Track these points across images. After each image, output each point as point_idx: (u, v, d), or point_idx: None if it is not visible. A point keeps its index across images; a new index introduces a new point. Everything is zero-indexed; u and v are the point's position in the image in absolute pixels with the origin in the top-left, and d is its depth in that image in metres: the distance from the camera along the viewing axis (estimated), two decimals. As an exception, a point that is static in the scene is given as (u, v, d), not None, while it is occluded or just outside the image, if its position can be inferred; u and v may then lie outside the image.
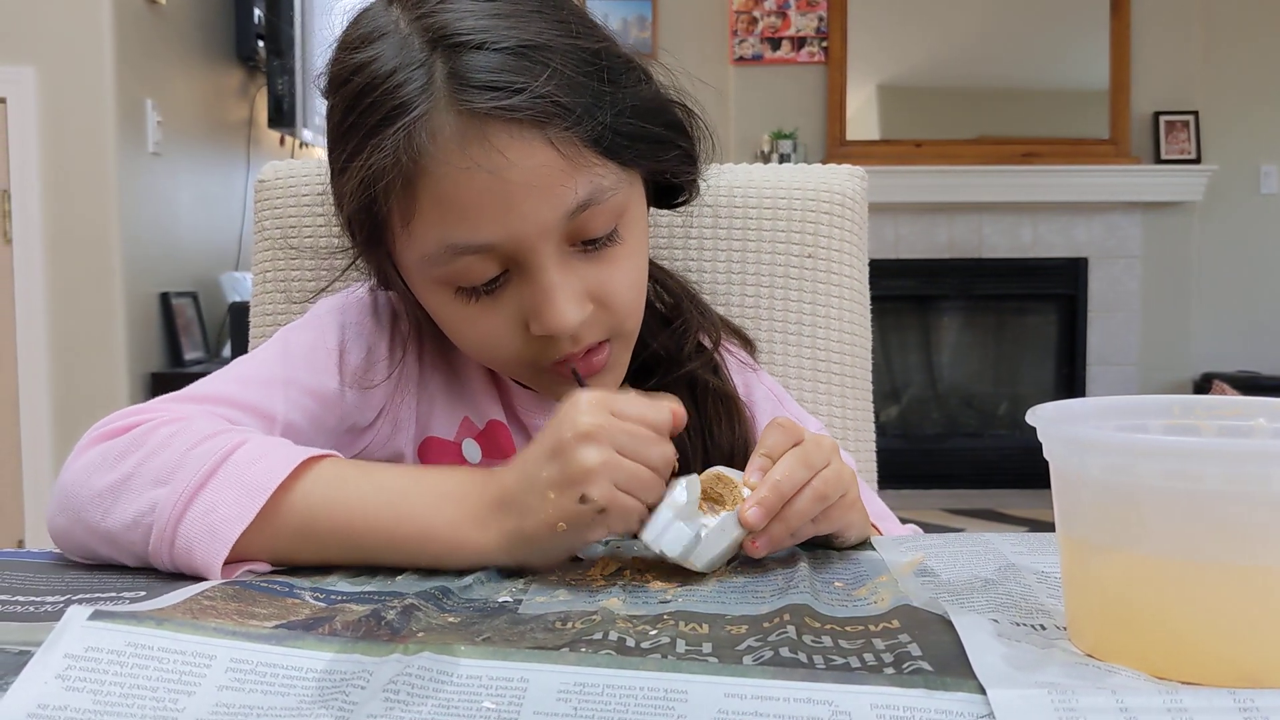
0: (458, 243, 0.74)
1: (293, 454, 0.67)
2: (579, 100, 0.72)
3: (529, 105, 0.71)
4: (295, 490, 0.66)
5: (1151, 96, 4.73)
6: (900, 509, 0.92)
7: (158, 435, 0.68)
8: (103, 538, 0.67)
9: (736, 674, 0.47)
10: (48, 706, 0.43)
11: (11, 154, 3.27)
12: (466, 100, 0.71)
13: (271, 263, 1.09)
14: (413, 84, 0.72)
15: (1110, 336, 4.85)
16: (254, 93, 4.41)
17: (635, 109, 0.76)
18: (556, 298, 0.75)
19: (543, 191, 0.72)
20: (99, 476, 0.68)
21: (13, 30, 3.25)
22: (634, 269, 0.81)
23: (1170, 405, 0.56)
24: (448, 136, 0.71)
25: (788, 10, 4.73)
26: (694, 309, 0.95)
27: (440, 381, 0.90)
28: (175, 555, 0.64)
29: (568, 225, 0.74)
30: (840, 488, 0.69)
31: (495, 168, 0.71)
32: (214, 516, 0.64)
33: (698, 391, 0.91)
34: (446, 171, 0.72)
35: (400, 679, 0.46)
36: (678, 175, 0.85)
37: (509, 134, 0.71)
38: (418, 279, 0.79)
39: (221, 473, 0.65)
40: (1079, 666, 0.48)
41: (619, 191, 0.77)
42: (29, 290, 3.30)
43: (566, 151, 0.72)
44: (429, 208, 0.73)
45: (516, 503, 0.65)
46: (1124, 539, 0.48)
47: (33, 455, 3.32)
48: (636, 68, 0.80)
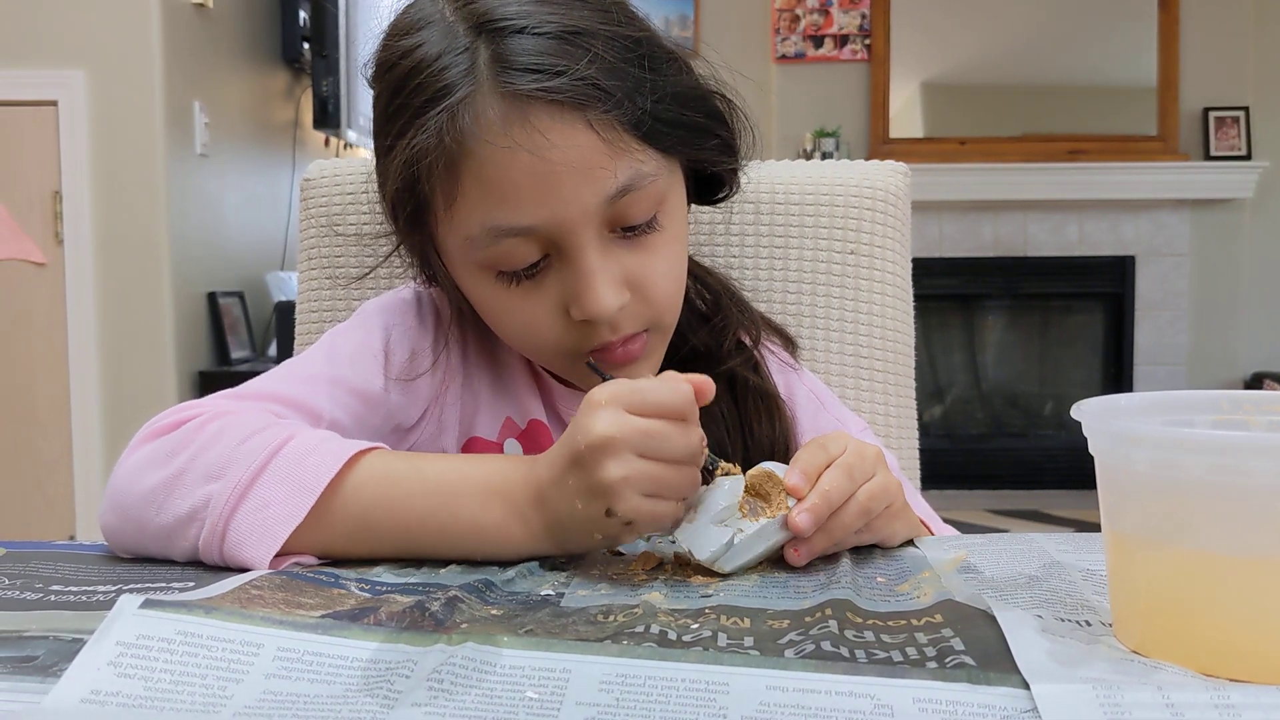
0: (500, 225, 0.74)
1: (341, 449, 0.68)
2: (619, 85, 0.73)
3: (570, 88, 0.72)
4: (345, 487, 0.67)
5: (1201, 92, 4.66)
6: (943, 510, 0.91)
7: (207, 431, 0.69)
8: (154, 535, 0.68)
9: (778, 666, 0.47)
10: (100, 693, 0.44)
11: (63, 156, 3.33)
12: (509, 82, 0.72)
13: (317, 260, 1.10)
14: (457, 67, 0.73)
15: (1158, 336, 4.78)
16: (299, 94, 4.45)
17: (675, 96, 0.77)
18: (596, 282, 0.76)
19: (583, 174, 0.73)
20: (150, 474, 0.69)
21: (63, 34, 3.30)
22: (673, 258, 0.81)
23: (1218, 400, 0.55)
24: (490, 118, 0.72)
25: (830, 8, 4.71)
26: (734, 306, 0.95)
27: (484, 382, 0.91)
28: (225, 550, 0.65)
29: (608, 210, 0.75)
30: (885, 499, 0.69)
31: (536, 148, 0.72)
32: (266, 514, 0.65)
33: (737, 389, 0.91)
34: (489, 152, 0.73)
35: (444, 668, 0.46)
36: (717, 165, 0.85)
37: (550, 116, 0.72)
38: (459, 264, 0.80)
39: (272, 467, 0.66)
40: (1124, 663, 0.48)
41: (659, 178, 0.77)
42: (79, 290, 3.35)
43: (607, 135, 0.73)
44: (471, 189, 0.74)
45: (551, 501, 0.65)
46: (1171, 534, 0.48)
47: (83, 453, 3.37)
48: (677, 58, 0.80)
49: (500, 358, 0.91)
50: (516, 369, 0.91)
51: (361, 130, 4.20)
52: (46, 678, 0.46)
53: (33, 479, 3.37)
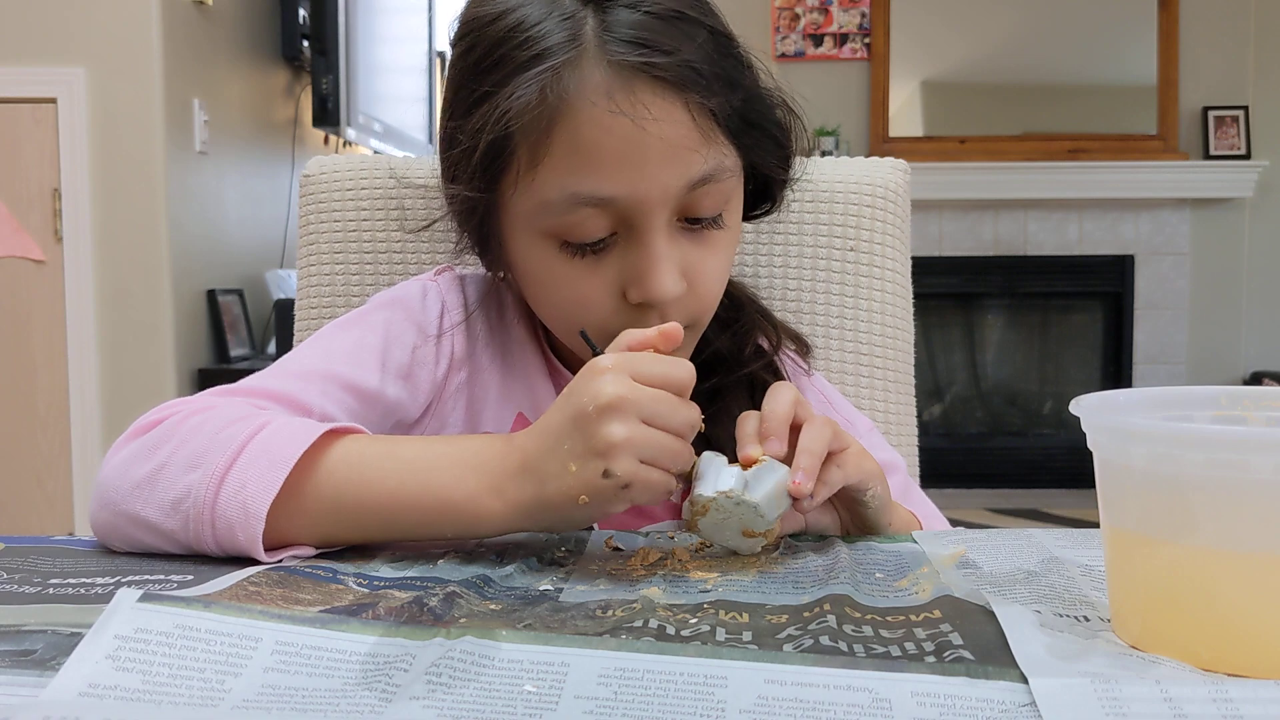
0: (581, 191, 0.75)
1: (316, 427, 0.68)
2: (718, 75, 0.75)
3: (674, 67, 0.73)
4: (320, 465, 0.67)
5: (1200, 91, 4.66)
6: (943, 508, 0.91)
7: (188, 425, 0.70)
8: (145, 527, 0.68)
9: (776, 661, 0.47)
10: (98, 686, 0.44)
11: (62, 153, 3.33)
12: (617, 52, 0.73)
13: (316, 258, 1.10)
14: (563, 31, 0.74)
15: (1158, 335, 4.78)
16: (299, 92, 4.45)
17: (757, 98, 0.80)
18: (662, 267, 0.76)
19: (674, 153, 0.74)
20: (135, 469, 0.69)
21: (63, 32, 3.30)
22: (725, 259, 0.83)
23: (1217, 396, 0.56)
24: (595, 83, 0.73)
25: (830, 6, 4.70)
26: (756, 312, 0.96)
27: (494, 377, 0.90)
28: (219, 538, 0.65)
29: (685, 196, 0.76)
30: (837, 427, 0.71)
31: (638, 117, 0.73)
32: (244, 493, 0.65)
33: (757, 393, 0.91)
34: (591, 114, 0.73)
35: (443, 662, 0.46)
36: (773, 175, 0.86)
37: (653, 92, 0.73)
38: (524, 230, 0.80)
39: (248, 450, 0.66)
40: (1123, 657, 0.48)
41: (734, 176, 0.80)
42: (79, 288, 3.35)
43: (701, 122, 0.75)
44: (562, 151, 0.74)
45: (537, 470, 0.64)
46: (1169, 529, 0.48)
47: (82, 449, 3.37)
48: (755, 64, 0.82)
49: (513, 352, 0.91)
50: (532, 364, 0.91)
51: (360, 128, 4.20)
52: (45, 671, 0.46)
53: (32, 475, 3.37)
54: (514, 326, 0.92)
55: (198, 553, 0.67)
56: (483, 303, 0.92)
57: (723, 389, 0.88)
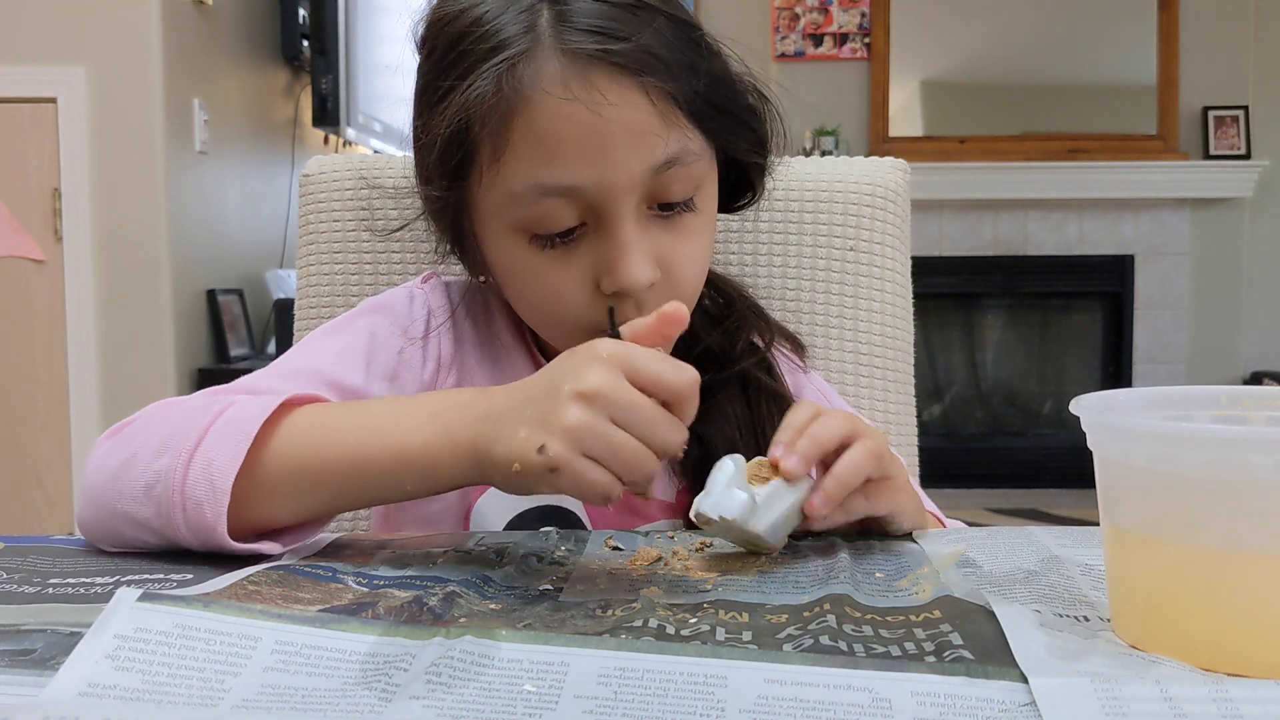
0: (545, 182, 0.75)
1: (276, 398, 0.68)
2: (677, 59, 0.76)
3: (631, 53, 0.73)
4: (282, 428, 0.67)
5: (1200, 91, 4.66)
6: (943, 508, 0.91)
7: (159, 417, 0.70)
8: (124, 518, 0.68)
9: (776, 660, 0.47)
10: (98, 685, 0.44)
11: (62, 153, 3.33)
12: (573, 41, 0.74)
13: (316, 257, 1.10)
14: (519, 24, 0.75)
15: (1157, 335, 4.78)
16: (299, 92, 4.45)
17: (722, 81, 0.80)
18: (632, 254, 0.76)
19: (635, 138, 0.75)
20: (109, 461, 0.69)
21: (63, 31, 3.30)
22: (702, 244, 0.82)
23: (1217, 396, 0.55)
24: (551, 73, 0.74)
25: (830, 6, 4.70)
26: (747, 308, 0.96)
27: (481, 379, 0.90)
28: (189, 520, 0.64)
29: (652, 181, 0.76)
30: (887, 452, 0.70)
31: (594, 104, 0.73)
32: (210, 471, 0.64)
33: (750, 390, 0.91)
34: (546, 104, 0.74)
35: (442, 662, 0.46)
36: (748, 160, 0.86)
37: (609, 78, 0.74)
38: (494, 225, 0.80)
39: (213, 430, 0.66)
40: (1123, 657, 0.48)
41: (702, 160, 0.79)
42: (78, 287, 3.35)
43: (661, 106, 0.75)
44: (521, 142, 0.75)
45: (495, 423, 0.62)
46: (1169, 529, 0.48)
47: (82, 449, 3.37)
48: (721, 50, 0.82)
49: (501, 355, 0.91)
50: (520, 367, 0.91)
51: (360, 128, 4.20)
52: (44, 670, 0.46)
53: (31, 475, 3.37)
54: (501, 330, 0.92)
55: (173, 542, 0.66)
56: (469, 307, 0.92)
57: (714, 387, 0.87)
